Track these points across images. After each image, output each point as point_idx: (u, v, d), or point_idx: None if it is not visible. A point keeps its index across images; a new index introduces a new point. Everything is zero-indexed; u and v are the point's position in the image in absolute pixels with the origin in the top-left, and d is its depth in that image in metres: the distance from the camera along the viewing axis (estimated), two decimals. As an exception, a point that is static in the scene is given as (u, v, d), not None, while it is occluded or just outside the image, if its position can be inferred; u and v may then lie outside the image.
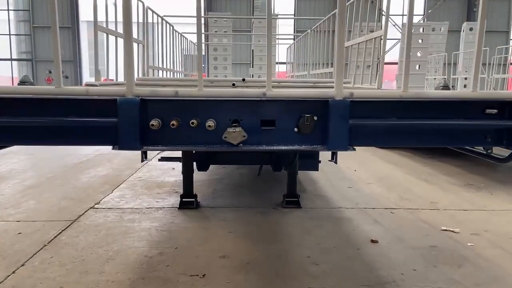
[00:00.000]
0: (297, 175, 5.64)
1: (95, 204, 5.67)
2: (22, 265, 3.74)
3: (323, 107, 1.86)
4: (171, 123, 1.83)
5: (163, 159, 6.11)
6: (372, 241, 4.39)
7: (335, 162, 5.95)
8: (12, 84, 21.44)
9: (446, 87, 3.48)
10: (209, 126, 1.82)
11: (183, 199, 5.55)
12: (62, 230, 4.66)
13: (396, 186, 6.89)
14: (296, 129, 1.88)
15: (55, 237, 4.47)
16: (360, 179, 7.42)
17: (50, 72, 20.47)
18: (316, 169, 6.06)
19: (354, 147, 1.91)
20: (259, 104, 1.87)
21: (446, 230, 4.79)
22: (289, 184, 5.65)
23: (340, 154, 6.19)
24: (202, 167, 5.62)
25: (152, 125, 1.79)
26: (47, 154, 9.50)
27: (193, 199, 5.54)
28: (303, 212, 5.41)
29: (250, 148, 1.88)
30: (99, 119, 1.83)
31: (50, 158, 9.01)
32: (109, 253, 4.05)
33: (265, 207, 5.57)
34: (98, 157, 9.23)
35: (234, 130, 1.83)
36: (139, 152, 5.69)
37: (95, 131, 1.88)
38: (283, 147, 1.90)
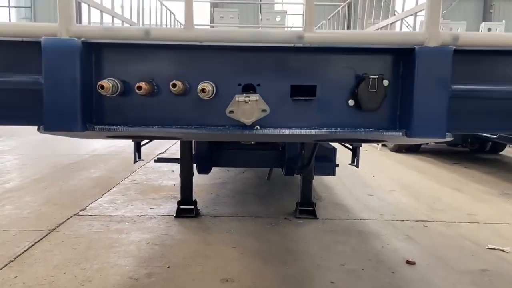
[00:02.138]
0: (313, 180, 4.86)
1: (80, 210, 4.91)
2: (-26, 288, 2.99)
3: (401, 62, 1.09)
4: (137, 86, 1.08)
5: (159, 160, 5.36)
6: (408, 262, 3.60)
7: (356, 166, 5.16)
8: None
9: None
10: (204, 91, 1.07)
11: (181, 206, 4.79)
12: (36, 242, 3.91)
13: (423, 195, 6.08)
14: (351, 102, 1.13)
15: (26, 250, 3.72)
16: (381, 186, 6.62)
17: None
18: (333, 173, 5.30)
19: (449, 134, 1.13)
20: (291, 57, 1.11)
21: (494, 248, 3.98)
22: (303, 190, 4.86)
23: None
24: (203, 169, 4.86)
25: (102, 87, 1.04)
26: (37, 154, 8.79)
27: (192, 206, 4.78)
28: (320, 223, 4.62)
29: (271, 134, 1.12)
30: (9, 78, 1.07)
31: (39, 158, 8.30)
32: (87, 273, 3.29)
33: (275, 217, 4.79)
34: (93, 158, 8.50)
35: (247, 98, 1.06)
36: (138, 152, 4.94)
37: (4, 99, 1.12)
38: (328, 133, 1.14)
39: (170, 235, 4.17)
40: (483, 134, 7.20)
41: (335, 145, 5.72)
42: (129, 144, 5.45)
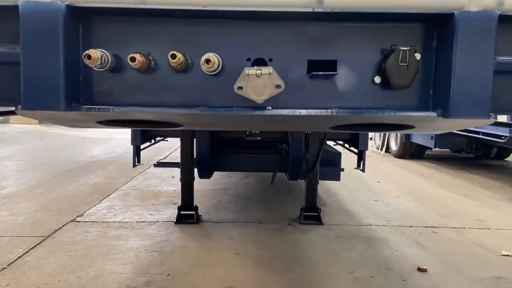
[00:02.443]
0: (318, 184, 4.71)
1: (77, 216, 4.76)
2: (-37, 297, 2.83)
3: (435, 31, 0.95)
4: (131, 57, 0.94)
5: (159, 164, 5.22)
6: (420, 269, 3.43)
7: (362, 170, 5.01)
8: None
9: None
10: (208, 62, 0.93)
11: (181, 212, 4.63)
12: (30, 249, 3.75)
13: (430, 201, 5.92)
14: (377, 79, 0.99)
15: (20, 257, 3.57)
16: (386, 191, 6.47)
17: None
18: (338, 178, 5.15)
19: (493, 115, 0.98)
20: (308, 27, 0.97)
21: (508, 255, 3.82)
22: (308, 195, 4.71)
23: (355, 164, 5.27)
24: (205, 174, 4.71)
25: (89, 57, 0.90)
26: (36, 161, 8.66)
27: (193, 212, 4.62)
28: (325, 229, 4.46)
29: (286, 115, 0.98)
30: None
31: (37, 165, 8.16)
32: (82, 281, 3.13)
33: (279, 223, 4.63)
34: (92, 164, 8.36)
35: (258, 71, 0.92)
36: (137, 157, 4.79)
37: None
38: (350, 114, 0.99)
39: (170, 242, 4.01)
40: (489, 138, 7.05)
41: (339, 148, 5.58)
42: (128, 149, 5.31)
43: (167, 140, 6.02)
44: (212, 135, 4.52)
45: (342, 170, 5.08)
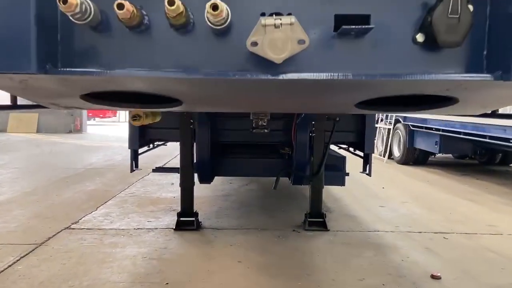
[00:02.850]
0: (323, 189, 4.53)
1: (72, 223, 4.57)
2: None
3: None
4: (118, 4, 0.76)
5: (158, 169, 5.04)
6: (433, 276, 3.24)
7: (369, 174, 4.83)
8: None
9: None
10: (215, 9, 0.76)
11: (181, 218, 4.44)
12: (21, 257, 3.56)
13: (437, 206, 5.74)
14: (420, 36, 0.82)
15: (10, 266, 3.37)
16: (391, 197, 6.28)
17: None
18: (342, 183, 4.98)
19: None
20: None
21: (524, 261, 3.63)
22: (312, 200, 4.52)
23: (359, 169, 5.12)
24: (205, 178, 4.54)
25: (65, 2, 0.72)
26: (32, 168, 8.47)
27: (193, 219, 4.43)
28: (331, 235, 4.27)
29: (308, 79, 0.80)
30: None
31: (33, 172, 7.96)
32: (75, 291, 2.94)
33: (283, 229, 4.44)
34: (89, 171, 8.17)
35: (278, 21, 0.74)
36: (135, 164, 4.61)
37: None
38: (387, 78, 0.82)
39: (169, 249, 3.82)
40: (496, 142, 6.87)
41: (342, 152, 5.42)
42: (126, 156, 5.11)
43: (166, 145, 5.85)
44: (213, 137, 4.35)
45: (347, 174, 4.91)
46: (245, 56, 0.81)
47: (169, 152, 8.49)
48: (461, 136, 7.54)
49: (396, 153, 10.44)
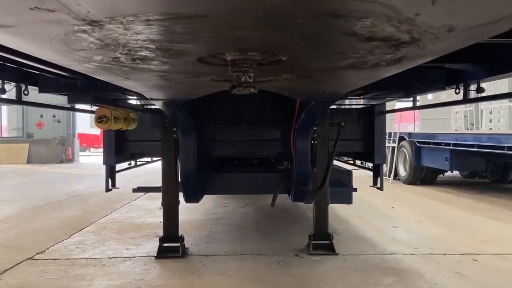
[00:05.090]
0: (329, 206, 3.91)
1: (37, 253, 3.91)
2: None
3: None
4: None
5: (138, 189, 4.41)
6: (474, 307, 2.58)
7: (380, 188, 4.23)
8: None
9: None
10: None
11: (164, 244, 3.79)
12: (-36, 295, 2.90)
13: (457, 225, 5.09)
14: None
15: None
16: (404, 216, 5.64)
17: (41, 116, 19.21)
18: (349, 201, 4.37)
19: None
20: None
21: None
22: (317, 219, 3.89)
23: (366, 189, 4.53)
24: (192, 197, 3.91)
25: None
26: (10, 197, 7.80)
27: (178, 244, 3.77)
28: (341, 260, 3.61)
29: None
30: None
31: (11, 201, 7.29)
32: (17, 338, 2.27)
33: (284, 254, 3.78)
34: (71, 198, 7.50)
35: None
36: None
37: None
38: None
39: (147, 281, 3.16)
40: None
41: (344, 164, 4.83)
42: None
43: (151, 161, 5.27)
44: (200, 148, 3.76)
45: (355, 190, 4.31)
46: None
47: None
48: (475, 149, 6.95)
49: (402, 172, 9.82)
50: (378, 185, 4.23)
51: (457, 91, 2.72)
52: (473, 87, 2.62)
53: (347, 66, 1.30)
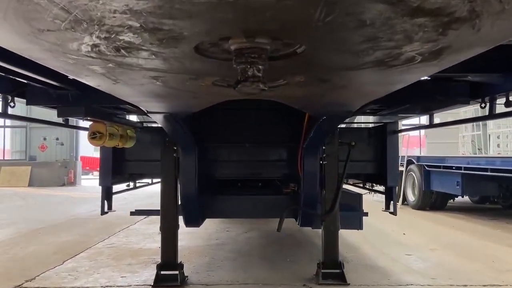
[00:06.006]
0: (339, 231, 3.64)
1: (26, 281, 3.64)
2: None
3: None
4: None
5: (136, 212, 4.18)
6: None
7: (394, 213, 3.97)
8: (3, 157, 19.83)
9: None
10: None
11: (162, 272, 3.52)
12: None
13: (475, 253, 4.79)
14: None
15: None
16: (417, 244, 5.33)
17: (44, 139, 19.13)
18: (359, 226, 4.12)
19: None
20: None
21: None
22: (327, 246, 3.62)
23: (375, 214, 4.27)
24: (192, 220, 3.67)
25: None
26: (6, 220, 7.55)
27: (177, 272, 3.50)
28: (353, 291, 3.32)
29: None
30: None
31: (7, 225, 7.04)
32: None
33: (290, 284, 3.50)
34: (69, 222, 7.24)
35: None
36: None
37: None
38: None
39: (141, 313, 2.88)
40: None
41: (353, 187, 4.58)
42: (115, 206, 4.31)
43: (151, 183, 5.06)
44: (202, 169, 3.54)
45: (366, 214, 4.06)
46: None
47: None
48: (488, 173, 6.67)
49: (411, 197, 9.51)
50: (391, 210, 3.97)
51: (483, 105, 2.51)
52: (499, 100, 2.42)
53: (373, 63, 1.10)
